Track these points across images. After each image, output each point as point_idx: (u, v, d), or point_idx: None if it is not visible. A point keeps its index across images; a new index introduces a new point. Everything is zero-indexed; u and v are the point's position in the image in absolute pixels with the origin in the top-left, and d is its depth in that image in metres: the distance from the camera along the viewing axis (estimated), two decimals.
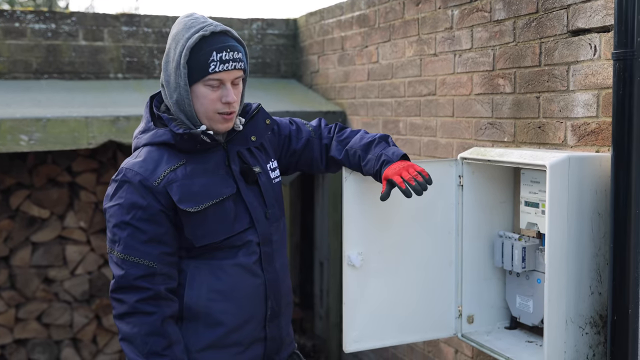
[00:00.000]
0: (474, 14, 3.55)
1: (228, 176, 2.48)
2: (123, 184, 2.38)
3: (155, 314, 2.34)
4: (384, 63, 4.57)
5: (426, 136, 4.07)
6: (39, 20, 5.62)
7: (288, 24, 6.41)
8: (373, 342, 3.05)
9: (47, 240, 5.74)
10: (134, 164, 2.39)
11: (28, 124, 4.44)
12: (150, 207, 2.35)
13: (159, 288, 2.35)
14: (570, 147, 2.92)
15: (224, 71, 2.38)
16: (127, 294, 2.35)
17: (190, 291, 2.43)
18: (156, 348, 2.33)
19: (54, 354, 5.78)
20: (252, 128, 2.56)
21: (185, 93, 2.39)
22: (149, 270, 2.34)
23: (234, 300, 2.46)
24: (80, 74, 5.76)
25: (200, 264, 2.45)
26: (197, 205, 2.38)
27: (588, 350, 2.71)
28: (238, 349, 2.48)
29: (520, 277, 3.09)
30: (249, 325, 2.50)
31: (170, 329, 2.36)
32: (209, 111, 2.41)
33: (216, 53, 2.36)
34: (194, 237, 2.41)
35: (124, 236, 2.35)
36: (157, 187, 2.35)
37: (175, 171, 2.40)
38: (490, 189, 3.17)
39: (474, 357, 3.71)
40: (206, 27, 2.38)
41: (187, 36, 2.37)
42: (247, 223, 2.49)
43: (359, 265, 2.92)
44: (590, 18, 2.79)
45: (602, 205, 2.68)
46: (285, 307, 2.62)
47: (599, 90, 2.76)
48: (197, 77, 2.38)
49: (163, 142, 2.43)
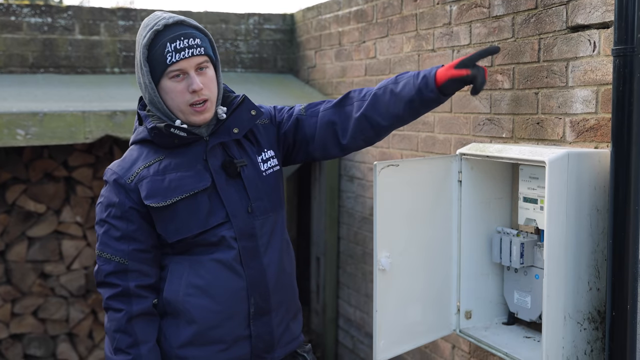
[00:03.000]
0: (472, 10, 3.55)
1: (204, 170, 2.45)
2: (105, 183, 2.47)
3: (121, 311, 2.39)
4: (382, 58, 4.56)
5: (424, 132, 4.07)
6: (35, 14, 5.61)
7: (285, 19, 6.40)
8: (395, 350, 3.03)
9: (43, 235, 5.72)
10: (114, 164, 2.49)
11: (25, 118, 4.43)
12: (121, 205, 2.40)
13: (129, 285, 2.39)
14: (569, 143, 2.92)
15: (182, 59, 2.36)
16: (102, 289, 2.44)
17: (169, 286, 2.45)
18: (121, 345, 2.38)
19: (50, 349, 5.78)
20: (234, 120, 2.50)
21: (152, 91, 2.41)
22: (120, 267, 2.39)
23: (212, 297, 2.43)
24: (77, 68, 5.74)
25: (181, 260, 2.46)
26: (164, 200, 2.38)
27: (586, 346, 2.71)
28: (220, 347, 2.45)
29: (518, 272, 3.09)
30: (229, 323, 2.45)
31: (137, 327, 2.39)
32: (180, 104, 2.40)
33: (170, 43, 2.35)
34: (165, 233, 2.42)
35: (101, 233, 2.43)
36: (129, 185, 2.41)
37: (148, 168, 2.42)
38: (488, 185, 3.17)
39: (471, 353, 3.71)
40: (159, 22, 2.39)
41: (143, 34, 2.40)
42: (222, 217, 2.44)
43: (389, 268, 2.90)
44: (590, 14, 2.79)
45: (600, 201, 2.69)
46: (277, 305, 2.54)
47: (598, 87, 2.76)
48: (159, 72, 2.38)
49: (142, 139, 2.48)
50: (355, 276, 5.13)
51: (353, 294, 5.19)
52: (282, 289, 2.56)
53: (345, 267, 5.32)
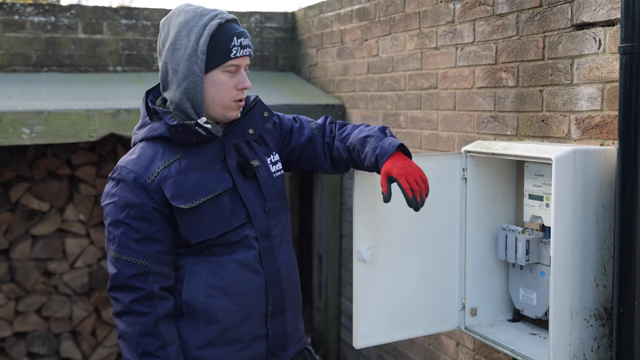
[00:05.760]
0: (476, 8, 3.56)
1: (224, 170, 2.44)
2: (118, 182, 2.36)
3: (148, 314, 2.32)
4: (384, 56, 4.57)
5: (427, 129, 4.08)
6: (38, 13, 5.61)
7: (286, 17, 6.41)
8: (381, 338, 3.06)
9: (46, 233, 5.74)
10: (128, 162, 2.38)
11: (30, 117, 4.44)
12: (143, 205, 2.32)
13: (153, 287, 2.32)
14: (574, 140, 2.93)
15: (242, 56, 2.42)
16: (121, 293, 2.33)
17: (188, 287, 2.40)
18: (149, 349, 2.31)
19: (54, 347, 5.79)
20: (249, 120, 2.52)
21: (199, 80, 2.37)
22: (143, 270, 2.32)
23: (232, 297, 2.42)
24: (80, 67, 5.75)
25: (198, 260, 2.42)
26: (191, 202, 2.35)
27: (593, 343, 2.72)
28: (238, 346, 2.45)
29: (523, 269, 3.10)
30: (248, 322, 2.46)
31: (164, 329, 2.33)
32: (225, 98, 2.42)
33: (236, 38, 2.39)
34: (189, 234, 2.38)
35: (118, 235, 2.33)
36: (150, 185, 2.33)
37: (169, 167, 2.37)
38: (493, 182, 3.18)
39: (475, 350, 3.73)
40: (220, 15, 2.41)
41: (202, 23, 2.37)
42: (244, 218, 2.45)
43: (370, 259, 2.93)
44: (595, 12, 2.80)
45: (607, 198, 2.70)
46: (290, 303, 2.57)
47: (604, 84, 2.78)
48: (216, 63, 2.38)
49: (158, 135, 2.41)
50: None
51: None
52: (293, 288, 2.61)
53: (347, 265, 5.32)
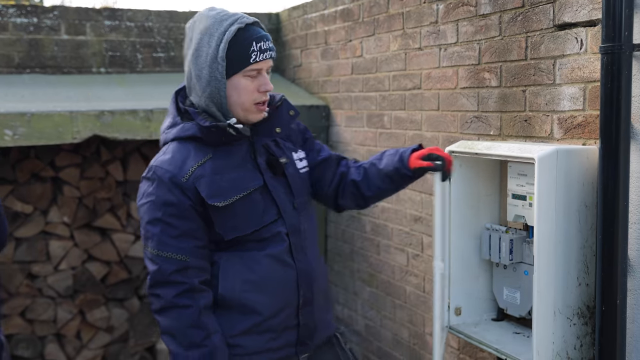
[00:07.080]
0: (459, 8, 3.57)
1: (254, 169, 2.54)
2: (153, 182, 2.45)
3: (191, 307, 2.40)
4: (368, 57, 4.58)
5: (411, 130, 4.09)
6: (20, 14, 5.58)
7: (270, 18, 6.40)
8: None
9: (30, 235, 5.69)
10: (163, 162, 2.46)
11: (12, 118, 4.42)
12: (180, 204, 2.41)
13: (194, 281, 2.42)
14: (557, 140, 2.95)
15: (263, 60, 2.45)
16: (163, 289, 2.42)
17: (224, 282, 2.49)
18: (196, 339, 2.40)
19: (38, 349, 5.76)
20: (276, 119, 2.61)
21: (222, 86, 2.43)
22: (183, 265, 2.41)
23: (267, 290, 2.51)
24: (63, 69, 5.72)
25: (231, 256, 2.51)
26: (225, 200, 2.44)
27: (576, 341, 2.74)
28: (271, 335, 2.54)
29: (507, 269, 3.12)
30: (282, 314, 2.55)
31: (207, 319, 2.43)
32: (247, 102, 2.48)
33: (256, 43, 2.43)
34: (223, 231, 2.47)
35: (157, 232, 2.42)
36: (185, 183, 2.42)
37: (203, 166, 2.46)
38: (477, 182, 3.20)
39: (460, 349, 3.74)
40: (240, 20, 2.45)
41: (222, 29, 2.43)
42: (275, 214, 2.54)
43: None
44: (577, 12, 2.82)
45: (589, 197, 2.72)
46: (318, 294, 2.65)
47: (586, 84, 2.79)
48: (236, 68, 2.43)
49: (190, 135, 2.49)
50: (343, 274, 5.15)
51: (341, 292, 5.21)
52: (322, 280, 2.71)
53: (332, 265, 5.33)
